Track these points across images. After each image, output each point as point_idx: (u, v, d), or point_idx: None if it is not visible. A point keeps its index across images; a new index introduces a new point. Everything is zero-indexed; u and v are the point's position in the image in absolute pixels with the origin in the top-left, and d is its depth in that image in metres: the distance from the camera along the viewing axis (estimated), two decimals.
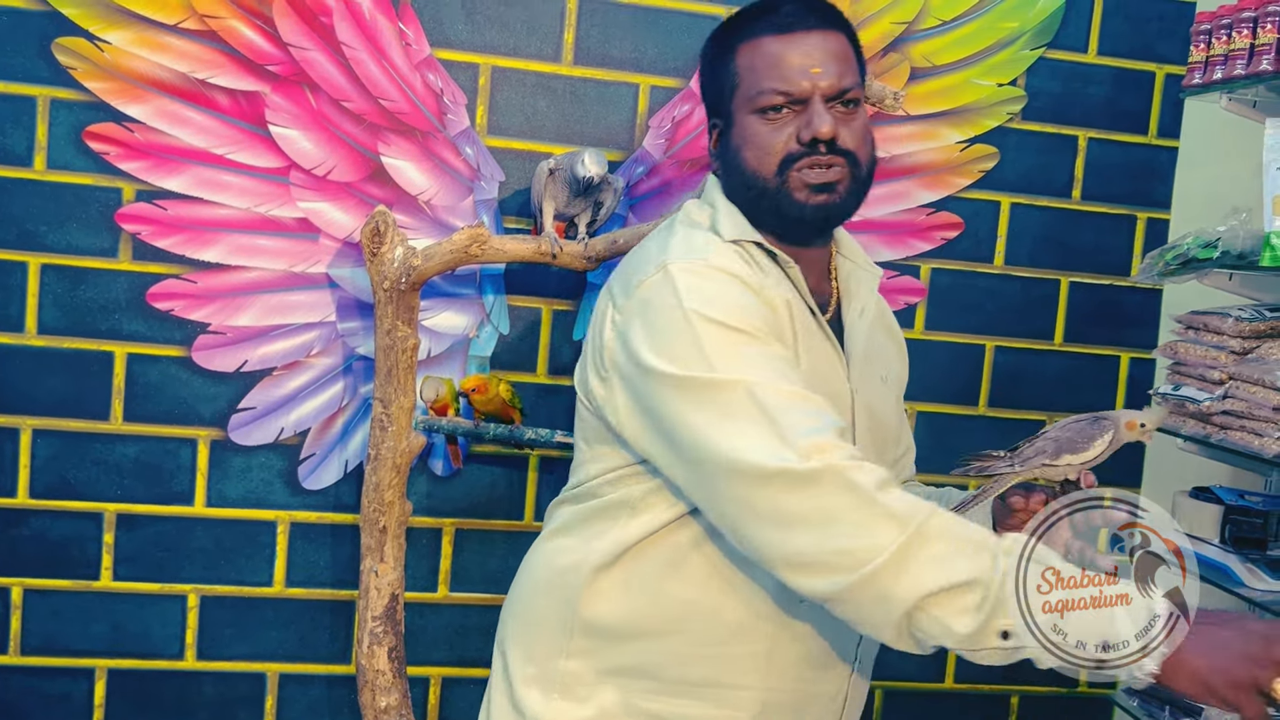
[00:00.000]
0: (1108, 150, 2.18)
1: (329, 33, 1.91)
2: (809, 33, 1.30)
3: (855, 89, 1.31)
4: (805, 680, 1.31)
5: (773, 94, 1.28)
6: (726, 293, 1.23)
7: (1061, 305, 2.20)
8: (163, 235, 1.90)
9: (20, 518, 1.91)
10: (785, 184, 1.28)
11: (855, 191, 1.31)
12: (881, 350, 1.41)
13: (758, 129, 1.30)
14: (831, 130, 1.26)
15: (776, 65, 1.29)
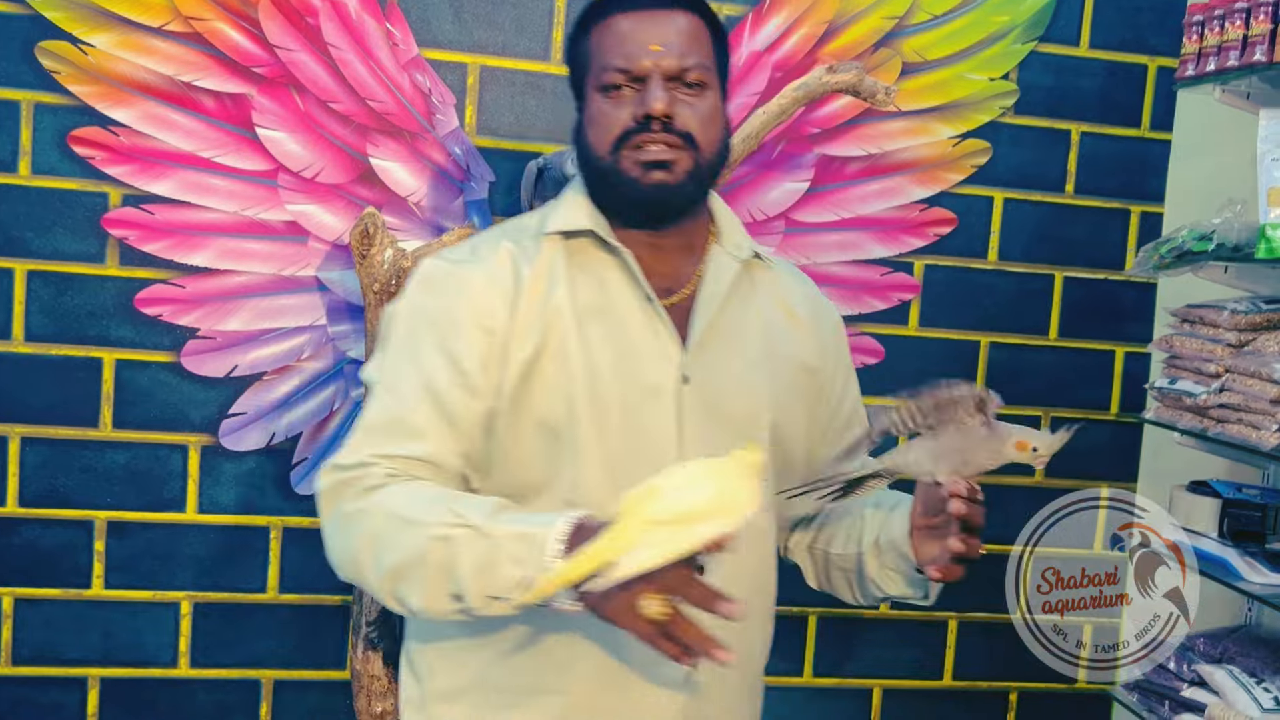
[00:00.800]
0: (1101, 144, 2.17)
1: (315, 34, 1.89)
2: (656, 12, 1.28)
3: (699, 70, 1.28)
4: (610, 694, 1.26)
5: (614, 71, 1.27)
6: (439, 301, 1.27)
7: (1056, 300, 2.19)
8: (150, 240, 1.89)
9: (10, 527, 1.89)
10: (619, 161, 1.27)
11: (695, 174, 1.28)
12: (754, 333, 1.36)
13: (601, 106, 1.29)
14: (666, 107, 1.24)
15: (621, 43, 1.27)
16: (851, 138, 2.08)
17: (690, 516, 0.98)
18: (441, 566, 1.13)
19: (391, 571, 1.16)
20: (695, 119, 1.27)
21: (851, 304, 2.11)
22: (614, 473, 1.25)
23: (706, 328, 1.32)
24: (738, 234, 1.39)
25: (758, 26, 2.04)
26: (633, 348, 1.29)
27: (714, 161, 1.31)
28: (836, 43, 2.06)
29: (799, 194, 2.08)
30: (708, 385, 1.30)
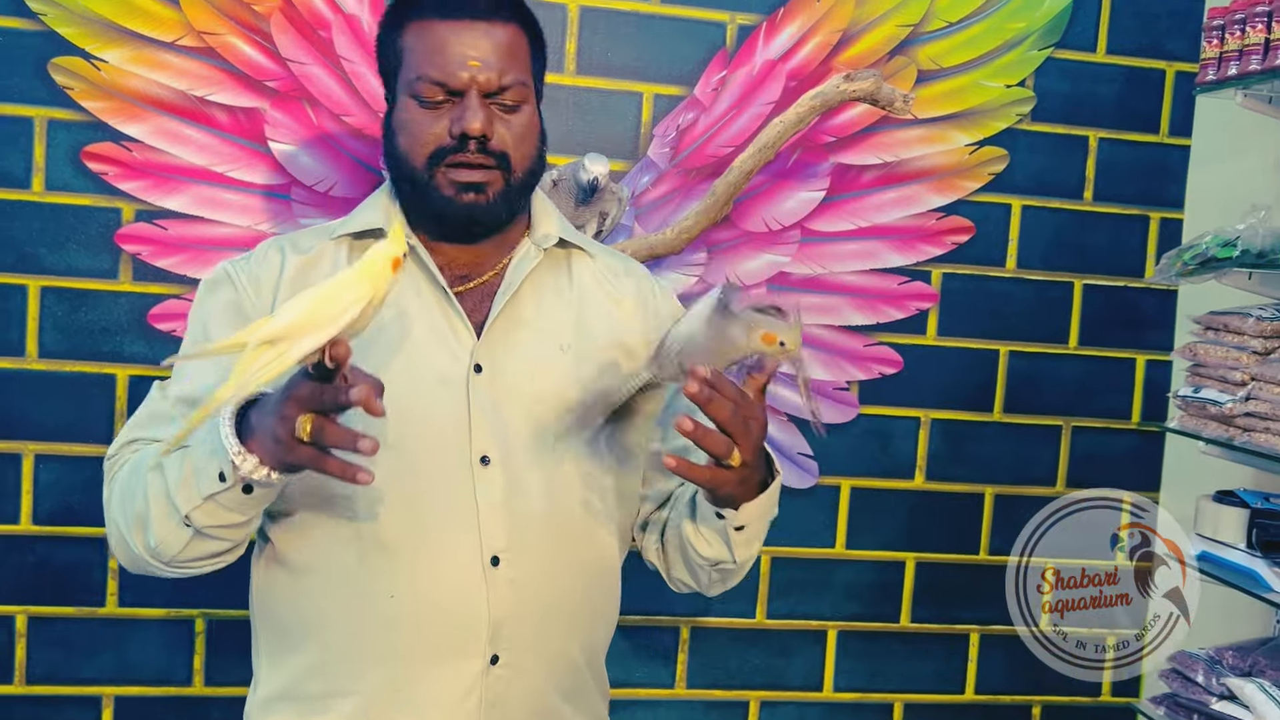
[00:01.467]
0: (1119, 150, 2.15)
1: (328, 47, 1.88)
2: (476, 22, 1.26)
3: (517, 88, 1.27)
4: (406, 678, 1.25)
5: (429, 83, 1.25)
6: (209, 301, 1.32)
7: (1075, 308, 2.17)
8: (163, 255, 1.88)
9: (24, 544, 1.88)
10: (433, 179, 1.27)
11: (506, 194, 1.28)
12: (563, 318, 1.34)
13: (414, 115, 1.27)
14: (483, 127, 1.24)
15: (437, 52, 1.25)
16: (867, 146, 2.07)
17: (292, 331, 1.01)
18: (160, 492, 1.16)
19: (137, 521, 1.20)
20: (511, 138, 1.27)
21: (869, 313, 2.09)
22: (402, 469, 1.24)
23: (503, 314, 1.31)
24: (548, 224, 1.38)
25: (771, 35, 2.03)
26: (421, 339, 1.28)
27: (526, 179, 1.31)
28: (851, 51, 2.05)
29: (814, 203, 2.06)
30: (504, 372, 1.29)
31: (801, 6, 2.03)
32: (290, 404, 1.05)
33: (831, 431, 2.09)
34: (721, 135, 2.02)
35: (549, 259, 1.36)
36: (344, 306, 1.01)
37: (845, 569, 2.14)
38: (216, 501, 1.13)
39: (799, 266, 2.07)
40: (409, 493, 1.25)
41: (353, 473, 1.05)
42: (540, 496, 1.28)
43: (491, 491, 1.26)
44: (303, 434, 1.04)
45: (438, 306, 1.30)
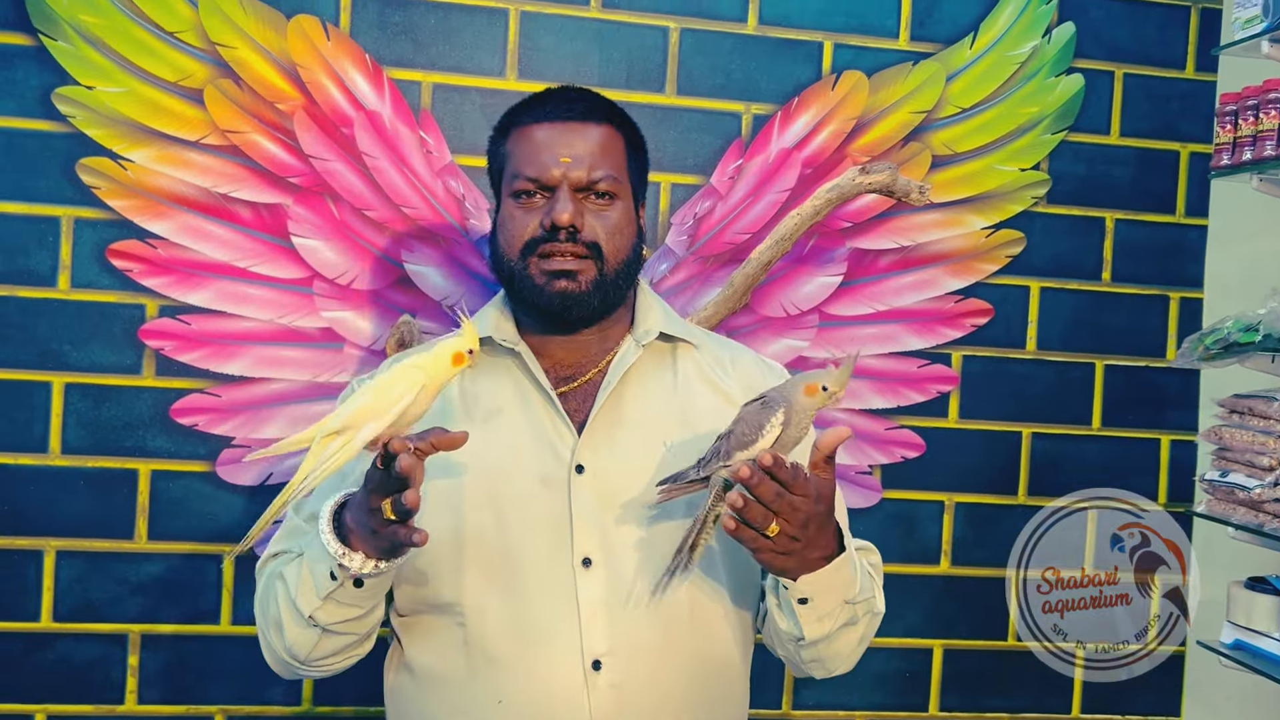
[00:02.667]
0: (1136, 231, 2.16)
1: (350, 143, 1.91)
2: (570, 123, 1.33)
3: (608, 181, 1.32)
4: None
5: (524, 179, 1.31)
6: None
7: (1098, 388, 2.16)
8: (186, 350, 1.89)
9: (44, 642, 1.87)
10: (527, 269, 1.31)
11: (600, 284, 1.32)
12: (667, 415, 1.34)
13: (512, 212, 1.33)
14: (571, 218, 1.29)
15: (532, 152, 1.32)
16: (883, 231, 2.08)
17: (354, 421, 1.11)
18: (285, 598, 1.24)
19: (274, 626, 1.27)
20: (602, 229, 1.31)
21: (890, 397, 2.09)
22: (502, 570, 1.27)
23: (604, 412, 1.32)
24: (651, 319, 1.40)
25: (786, 124, 2.05)
26: (524, 441, 1.31)
27: (622, 270, 1.34)
28: (865, 138, 2.07)
29: (832, 288, 2.07)
30: (606, 471, 1.30)
31: (815, 95, 2.05)
32: (372, 496, 1.12)
33: (855, 516, 2.07)
34: (738, 223, 2.03)
35: (653, 354, 1.38)
36: (399, 395, 1.11)
37: (872, 657, 2.07)
38: (334, 599, 1.20)
39: (818, 351, 2.07)
40: (512, 596, 1.27)
41: (408, 534, 1.11)
42: (644, 598, 1.27)
43: (593, 594, 1.26)
44: (389, 514, 1.11)
45: (541, 407, 1.33)
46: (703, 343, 1.43)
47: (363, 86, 1.92)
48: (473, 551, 1.28)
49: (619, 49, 2.00)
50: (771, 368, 1.46)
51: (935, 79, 2.07)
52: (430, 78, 1.96)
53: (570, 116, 1.33)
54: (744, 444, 1.16)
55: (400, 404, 1.11)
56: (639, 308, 1.41)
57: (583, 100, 1.37)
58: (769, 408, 1.16)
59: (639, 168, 1.40)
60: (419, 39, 1.95)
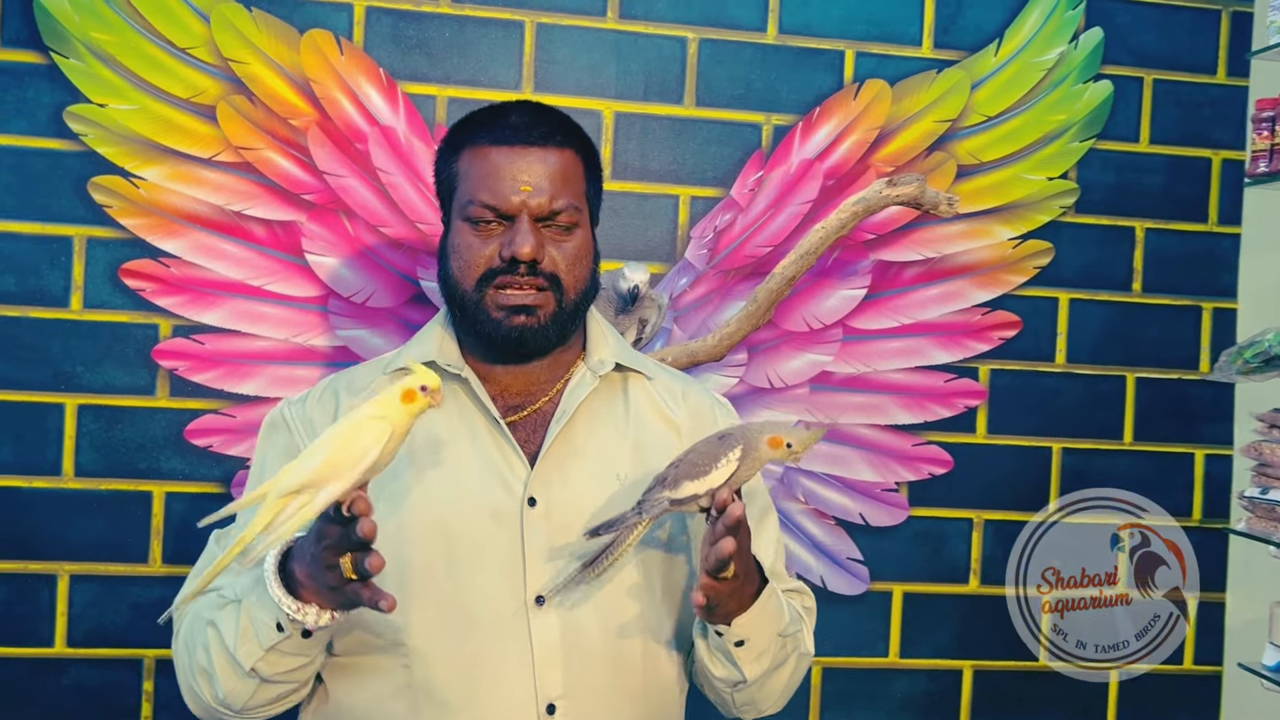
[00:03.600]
0: (1167, 240, 2.11)
1: (364, 159, 1.88)
2: (529, 148, 1.27)
3: (569, 211, 1.27)
4: None
5: (481, 206, 1.26)
6: (267, 446, 1.35)
7: (1129, 402, 2.11)
8: (200, 370, 1.87)
9: (58, 668, 1.85)
10: (482, 301, 1.26)
11: (558, 317, 1.27)
12: (620, 448, 1.30)
13: (467, 238, 1.28)
14: (533, 251, 1.24)
15: (489, 177, 1.26)
16: (908, 242, 2.04)
17: (316, 480, 1.03)
18: (220, 647, 1.18)
19: (202, 673, 1.20)
20: (563, 260, 1.27)
21: (916, 412, 2.04)
22: (452, 609, 1.22)
23: (557, 444, 1.27)
24: (604, 349, 1.35)
25: (808, 135, 2.01)
26: (473, 472, 1.26)
27: (579, 300, 1.29)
28: (889, 148, 2.02)
29: (856, 301, 2.02)
30: (558, 505, 1.25)
31: (837, 105, 2.01)
32: (327, 552, 1.06)
33: (882, 535, 2.03)
34: (759, 235, 1.99)
35: (605, 384, 1.33)
36: (363, 450, 1.03)
37: (900, 679, 2.05)
38: (278, 650, 1.14)
39: (842, 365, 2.02)
40: (460, 637, 1.22)
41: (377, 599, 1.06)
42: (598, 636, 1.24)
43: (547, 634, 1.22)
44: (348, 573, 1.06)
45: (490, 437, 1.28)
46: (655, 374, 1.39)
47: (377, 101, 1.89)
48: (420, 589, 1.22)
49: (636, 60, 1.97)
50: (722, 404, 1.43)
51: (960, 87, 2.03)
52: (445, 91, 1.93)
53: (531, 140, 1.27)
54: (695, 474, 1.12)
55: (365, 460, 1.03)
56: (591, 335, 1.36)
57: (543, 122, 1.30)
58: (727, 443, 1.13)
59: (596, 189, 1.35)
60: (433, 52, 1.92)
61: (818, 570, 2.01)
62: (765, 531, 1.37)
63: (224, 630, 1.18)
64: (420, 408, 1.06)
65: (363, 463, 1.03)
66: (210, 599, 1.24)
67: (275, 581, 1.12)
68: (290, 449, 1.30)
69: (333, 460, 1.03)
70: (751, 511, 1.31)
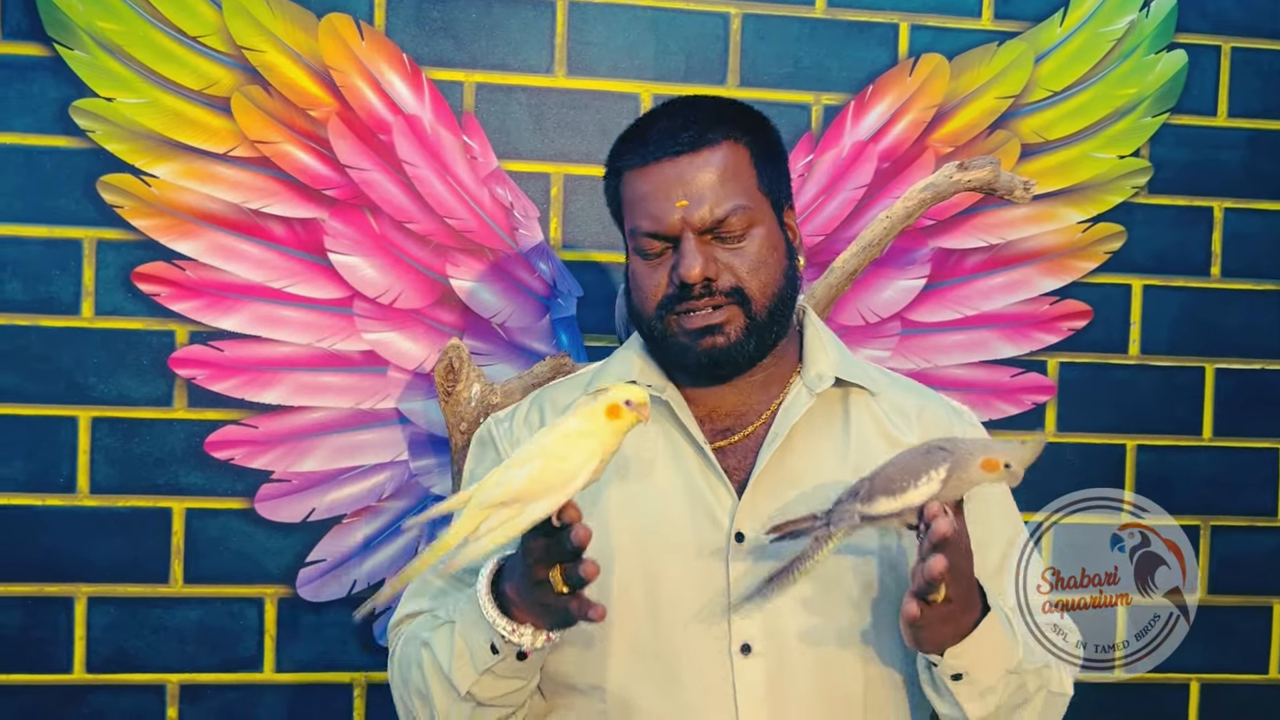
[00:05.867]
0: (1247, 220, 1.97)
1: (389, 151, 1.77)
2: (675, 160, 1.16)
3: (738, 213, 1.15)
4: None
5: (643, 236, 1.17)
6: (477, 465, 1.30)
7: (1208, 395, 1.97)
8: (219, 378, 1.76)
9: (78, 695, 1.75)
10: (666, 329, 1.17)
11: (752, 328, 1.16)
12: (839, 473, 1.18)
13: (638, 268, 1.19)
14: (701, 272, 1.13)
15: (642, 201, 1.17)
16: (970, 228, 1.90)
17: (524, 495, 0.99)
18: (434, 669, 1.14)
19: (418, 695, 1.18)
20: (743, 268, 1.16)
21: (980, 410, 1.90)
22: (653, 655, 1.12)
23: (768, 471, 1.16)
24: (822, 362, 1.22)
25: (860, 115, 1.88)
26: (678, 504, 1.15)
27: (775, 304, 1.18)
28: (947, 127, 1.89)
29: (915, 292, 1.89)
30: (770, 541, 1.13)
31: (892, 83, 1.88)
32: (536, 567, 1.02)
33: None
34: (810, 224, 1.87)
35: (823, 401, 1.21)
36: (574, 469, 0.99)
37: None
38: (493, 673, 1.10)
39: (901, 361, 1.90)
40: (659, 685, 1.12)
41: (586, 609, 1.01)
42: (811, 683, 1.12)
43: (753, 687, 1.11)
44: (559, 586, 1.01)
45: (695, 464, 1.17)
46: (882, 389, 1.26)
47: (401, 89, 1.77)
48: (620, 631, 1.14)
49: (676, 39, 1.84)
50: (961, 414, 1.30)
51: (1022, 60, 1.89)
52: (473, 77, 1.81)
53: (679, 150, 1.16)
54: (892, 490, 1.01)
55: (577, 480, 0.98)
56: (808, 345, 1.24)
57: (690, 124, 1.18)
58: (933, 458, 1.01)
59: (774, 173, 1.22)
60: (460, 36, 1.80)
61: None
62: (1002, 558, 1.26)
63: (438, 652, 1.13)
64: (627, 424, 1.00)
65: (574, 482, 0.98)
66: (424, 620, 1.20)
67: (489, 602, 1.06)
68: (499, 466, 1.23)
69: (542, 477, 0.99)
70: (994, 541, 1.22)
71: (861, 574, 1.16)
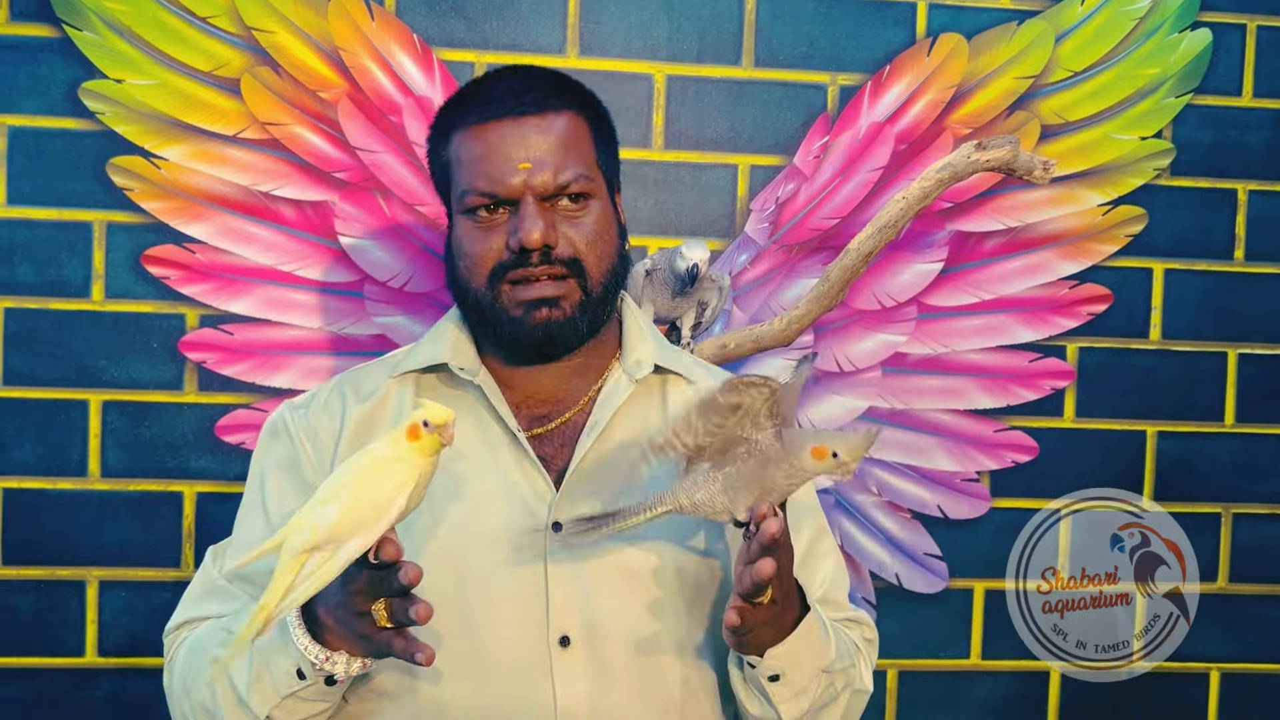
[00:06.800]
0: (1272, 203, 1.93)
1: (399, 133, 1.75)
2: (522, 119, 1.12)
3: (580, 181, 1.11)
4: None
5: (477, 195, 1.11)
6: (263, 454, 1.25)
7: (1231, 380, 1.94)
8: (230, 362, 1.75)
9: (90, 679, 1.75)
10: (497, 299, 1.12)
11: (587, 306, 1.12)
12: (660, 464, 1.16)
13: (468, 232, 1.14)
14: (543, 236, 1.09)
15: (481, 160, 1.12)
16: (988, 210, 1.87)
17: (336, 535, 0.94)
18: (229, 692, 1.09)
19: (202, 711, 1.10)
20: (581, 239, 1.12)
21: (998, 395, 1.88)
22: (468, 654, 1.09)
23: (586, 460, 1.12)
24: (642, 349, 1.19)
25: (877, 96, 1.85)
26: (490, 494, 1.11)
27: (608, 282, 1.14)
28: (965, 108, 1.86)
29: (932, 275, 1.87)
30: None
31: (909, 63, 1.85)
32: (357, 598, 0.96)
33: (962, 528, 1.88)
34: (825, 207, 1.84)
35: (642, 388, 1.18)
36: (386, 500, 0.93)
37: (982, 681, 1.91)
38: (297, 698, 1.04)
39: (917, 346, 1.87)
40: (474, 682, 1.09)
41: (412, 651, 0.96)
42: (631, 680, 1.10)
43: (572, 680, 1.09)
44: (383, 621, 0.97)
45: (509, 453, 1.14)
46: (699, 378, 1.23)
47: (411, 70, 1.76)
48: (429, 628, 1.07)
49: (689, 19, 1.82)
50: None
51: (1043, 40, 1.86)
52: (484, 58, 1.79)
53: (523, 110, 1.12)
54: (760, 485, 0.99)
55: (390, 512, 0.93)
56: (627, 331, 1.21)
57: (533, 87, 1.15)
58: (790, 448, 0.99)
59: (609, 152, 1.20)
60: (470, 16, 1.78)
61: (893, 567, 1.87)
62: (820, 558, 1.23)
63: (235, 677, 1.08)
64: (431, 446, 0.94)
65: (387, 515, 0.93)
66: (211, 629, 1.14)
67: (300, 629, 1.01)
68: (293, 461, 1.19)
69: (352, 513, 0.93)
70: (800, 533, 1.18)
71: (680, 574, 1.14)
